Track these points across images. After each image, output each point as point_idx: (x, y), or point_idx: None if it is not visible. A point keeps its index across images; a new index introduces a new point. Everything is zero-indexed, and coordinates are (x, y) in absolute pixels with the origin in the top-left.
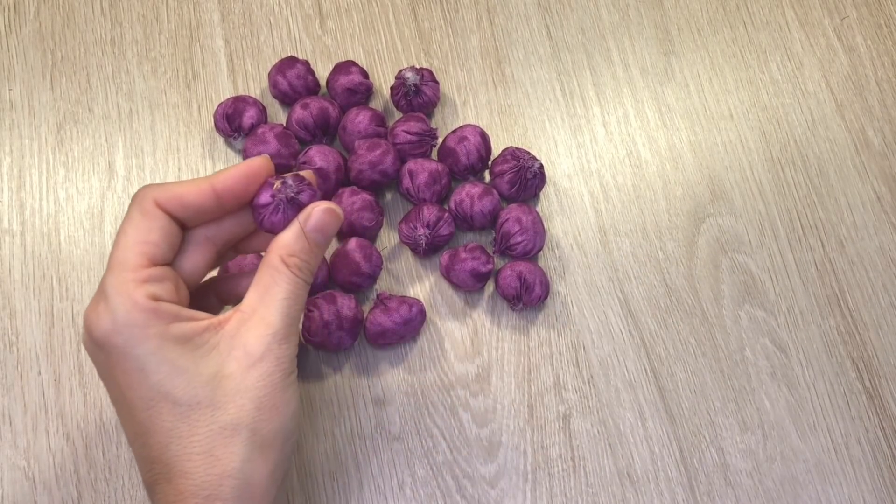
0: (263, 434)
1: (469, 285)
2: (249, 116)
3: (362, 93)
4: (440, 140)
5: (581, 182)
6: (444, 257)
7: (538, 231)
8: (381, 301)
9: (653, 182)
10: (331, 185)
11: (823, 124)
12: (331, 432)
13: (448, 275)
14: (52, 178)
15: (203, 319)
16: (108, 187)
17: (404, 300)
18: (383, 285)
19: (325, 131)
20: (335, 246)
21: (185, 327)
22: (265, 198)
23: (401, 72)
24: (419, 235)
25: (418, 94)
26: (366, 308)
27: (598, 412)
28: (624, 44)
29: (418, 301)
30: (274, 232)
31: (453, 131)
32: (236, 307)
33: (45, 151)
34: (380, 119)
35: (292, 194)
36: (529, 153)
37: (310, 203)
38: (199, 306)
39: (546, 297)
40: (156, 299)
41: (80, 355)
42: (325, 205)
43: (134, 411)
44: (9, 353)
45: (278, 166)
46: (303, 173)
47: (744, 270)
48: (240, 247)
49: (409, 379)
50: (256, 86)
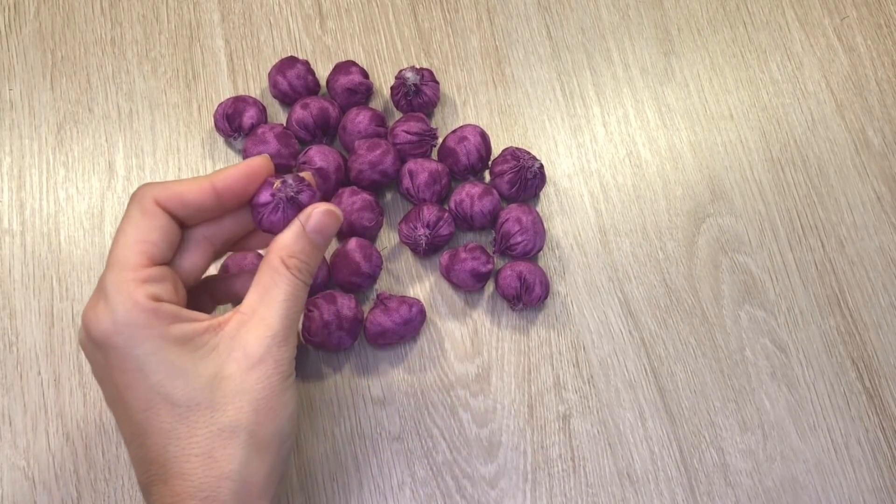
0: (261, 436)
1: (469, 285)
2: (249, 116)
3: (362, 93)
4: (440, 140)
5: (581, 182)
6: (444, 257)
7: (538, 231)
8: (381, 301)
9: (653, 182)
10: (331, 185)
11: (823, 124)
12: (331, 432)
13: (448, 275)
14: (53, 178)
15: (203, 320)
16: (108, 187)
17: (404, 300)
18: (383, 285)
19: (325, 131)
20: (335, 246)
21: (186, 328)
22: (265, 197)
23: (401, 72)
24: (419, 235)
25: (418, 94)
26: (366, 308)
27: (598, 412)
28: (624, 44)
29: (418, 301)
30: (273, 231)
31: (453, 131)
32: (236, 308)
33: (46, 151)
34: (380, 119)
35: (292, 194)
36: (529, 153)
37: (309, 203)
38: (192, 306)
39: (546, 297)
40: (156, 299)
41: (80, 355)
42: (324, 206)
43: (131, 412)
44: (9, 353)
45: (278, 166)
46: (302, 174)
47: (744, 270)
48: (237, 244)
49: (409, 379)
50: (256, 86)
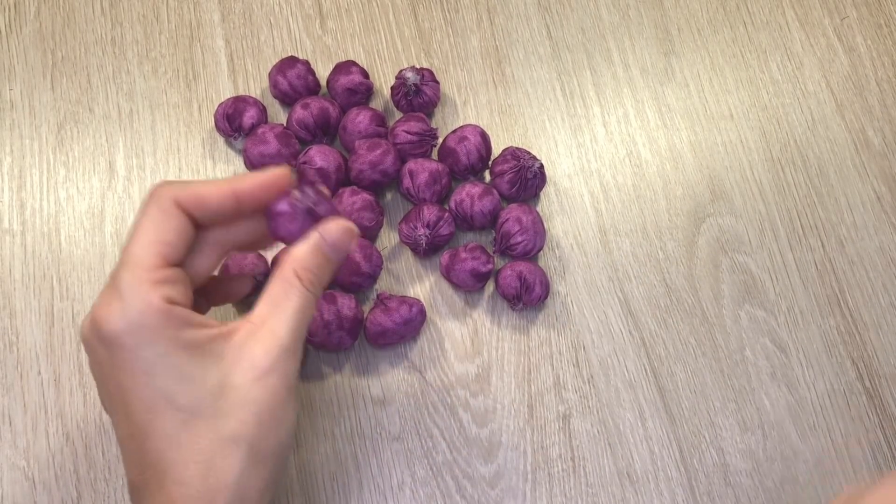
0: (262, 448)
1: (469, 285)
2: (250, 116)
3: (362, 93)
4: (440, 140)
5: (581, 182)
6: (444, 257)
7: (538, 231)
8: (381, 301)
9: (653, 182)
10: (331, 185)
11: (823, 124)
12: (331, 432)
13: (448, 275)
14: (53, 178)
15: (213, 327)
16: (108, 187)
17: (404, 300)
18: (383, 285)
19: (325, 131)
20: None
21: (196, 334)
22: (283, 206)
23: (401, 72)
24: (419, 235)
25: (418, 94)
26: (366, 308)
27: (598, 412)
28: (624, 44)
29: (418, 301)
30: (287, 241)
31: (453, 131)
32: (245, 317)
33: (46, 151)
34: (380, 119)
35: (310, 205)
36: (529, 153)
37: (326, 216)
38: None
39: (546, 297)
40: (170, 302)
41: (79, 355)
42: (343, 222)
43: (132, 413)
44: (9, 353)
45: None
46: (323, 190)
47: (744, 270)
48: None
49: (409, 379)
50: (257, 86)
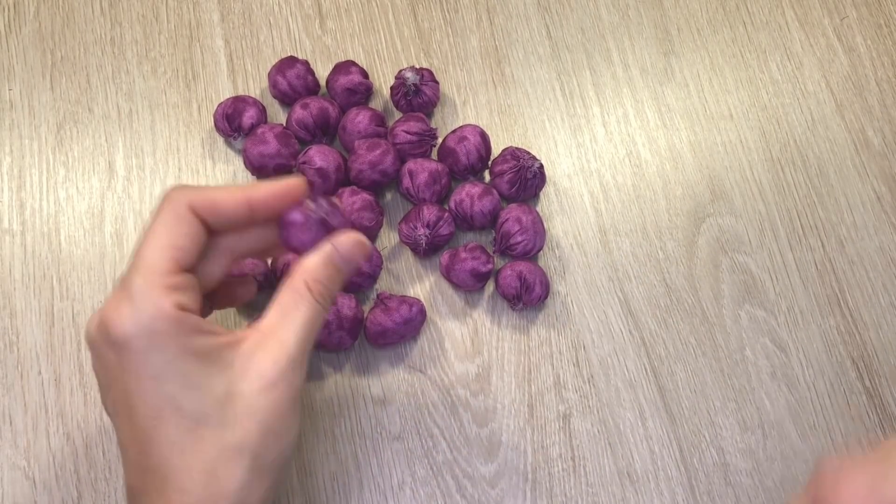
0: (265, 459)
1: (469, 285)
2: (249, 116)
3: (362, 93)
4: (440, 140)
5: (581, 182)
6: (444, 257)
7: (538, 231)
8: (381, 301)
9: (653, 182)
10: (331, 185)
11: (823, 124)
12: (331, 432)
13: (448, 275)
14: (52, 178)
15: (222, 335)
16: (108, 187)
17: (404, 300)
18: (383, 285)
19: (325, 131)
20: None
21: (206, 342)
22: (297, 216)
23: (401, 72)
24: (419, 235)
25: (418, 94)
26: (366, 308)
27: (598, 412)
28: (624, 44)
29: (418, 301)
30: (299, 251)
31: (453, 131)
32: (254, 325)
33: (45, 151)
34: (380, 119)
35: (324, 216)
36: (529, 153)
37: (339, 227)
38: None
39: (546, 296)
40: (182, 308)
41: (80, 355)
42: (356, 236)
43: (137, 418)
44: (9, 353)
45: (278, 166)
46: (329, 198)
47: (744, 270)
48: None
49: (409, 379)
50: (256, 86)
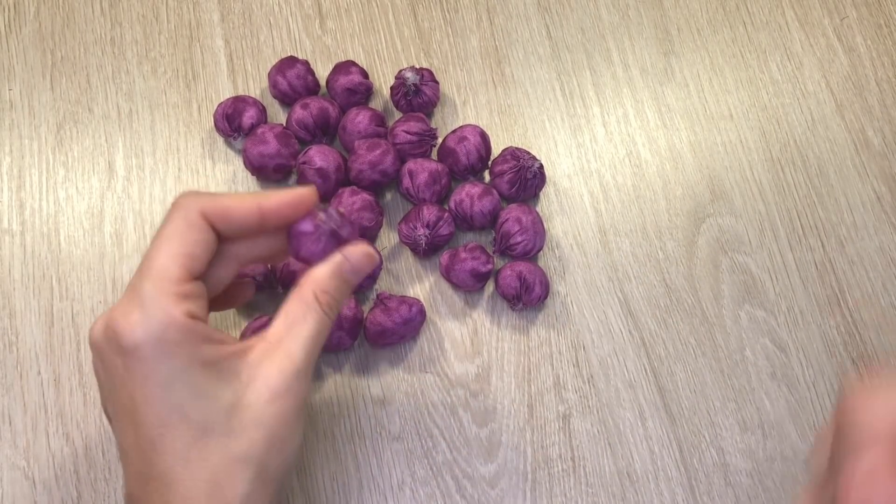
0: (269, 469)
1: (469, 285)
2: (249, 116)
3: (362, 93)
4: (440, 140)
5: (581, 182)
6: (444, 257)
7: (538, 231)
8: (381, 301)
9: (653, 182)
10: (331, 185)
11: (823, 124)
12: (331, 432)
13: (448, 275)
14: (52, 178)
15: (230, 344)
16: (107, 187)
17: (404, 300)
18: (383, 285)
19: (325, 131)
20: None
21: (214, 351)
22: (307, 226)
23: (401, 72)
24: (419, 235)
25: (418, 94)
26: (365, 308)
27: (598, 412)
28: (624, 44)
29: (418, 301)
30: (309, 262)
31: (453, 131)
32: (260, 335)
33: (45, 151)
34: (380, 119)
35: (335, 227)
36: (529, 153)
37: (349, 238)
38: None
39: (546, 297)
40: (192, 317)
41: (80, 355)
42: (365, 247)
43: (143, 425)
44: (9, 353)
45: (278, 166)
46: (338, 209)
47: (744, 270)
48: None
49: (409, 379)
50: (256, 86)
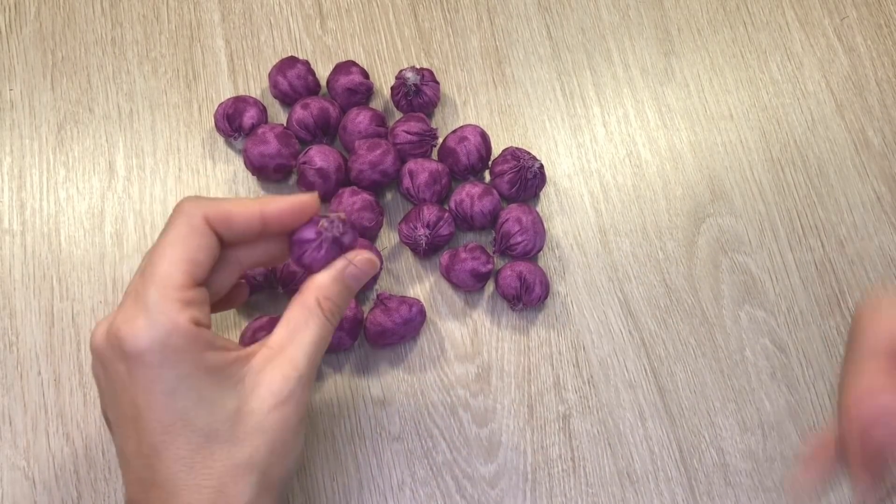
0: (272, 475)
1: (469, 285)
2: (250, 116)
3: (362, 93)
4: (440, 140)
5: (581, 182)
6: (444, 257)
7: (538, 231)
8: (381, 301)
9: (653, 182)
10: (331, 185)
11: (823, 124)
12: (331, 432)
13: (448, 275)
14: (53, 178)
15: (233, 350)
16: (108, 187)
17: (404, 300)
18: (383, 285)
19: (325, 131)
20: None
21: (218, 357)
22: (310, 233)
23: (401, 72)
24: (419, 235)
25: (418, 94)
26: (366, 308)
27: (598, 412)
28: (624, 44)
29: (418, 301)
30: (311, 269)
31: (453, 131)
32: (263, 341)
33: (46, 151)
34: (380, 119)
35: (337, 234)
36: (529, 153)
37: (350, 245)
38: None
39: (546, 297)
40: (197, 324)
41: (80, 355)
42: (368, 254)
43: (146, 432)
44: (9, 353)
45: (279, 166)
46: (340, 216)
47: (744, 270)
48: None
49: (409, 379)
50: (257, 86)
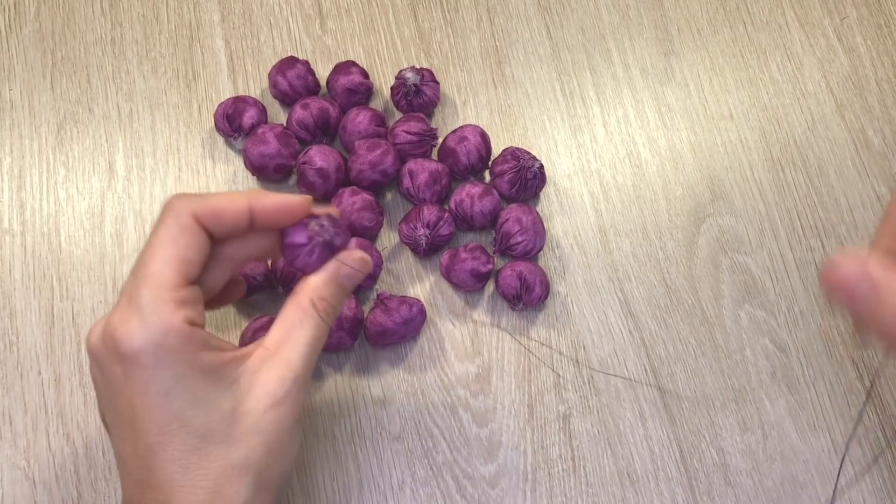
0: (268, 476)
1: (469, 285)
2: (249, 116)
3: (362, 93)
4: (440, 140)
5: (581, 182)
6: (444, 257)
7: (538, 231)
8: (381, 301)
9: (653, 182)
10: (331, 185)
11: (823, 124)
12: (331, 432)
13: (448, 275)
14: (53, 178)
15: (228, 350)
16: (108, 187)
17: (404, 300)
18: (383, 285)
19: (325, 131)
20: None
21: (213, 357)
22: (301, 238)
23: (401, 72)
24: (419, 235)
25: (418, 94)
26: (366, 308)
27: (598, 412)
28: (624, 44)
29: (418, 301)
30: (305, 272)
31: (453, 131)
32: (258, 341)
33: (46, 151)
34: (380, 119)
35: (328, 237)
36: (529, 153)
37: (342, 246)
38: None
39: (546, 297)
40: (191, 323)
41: (80, 355)
42: (360, 254)
43: (142, 433)
44: (9, 353)
45: (279, 166)
46: (332, 212)
47: (744, 270)
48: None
49: (410, 379)
50: (256, 86)
